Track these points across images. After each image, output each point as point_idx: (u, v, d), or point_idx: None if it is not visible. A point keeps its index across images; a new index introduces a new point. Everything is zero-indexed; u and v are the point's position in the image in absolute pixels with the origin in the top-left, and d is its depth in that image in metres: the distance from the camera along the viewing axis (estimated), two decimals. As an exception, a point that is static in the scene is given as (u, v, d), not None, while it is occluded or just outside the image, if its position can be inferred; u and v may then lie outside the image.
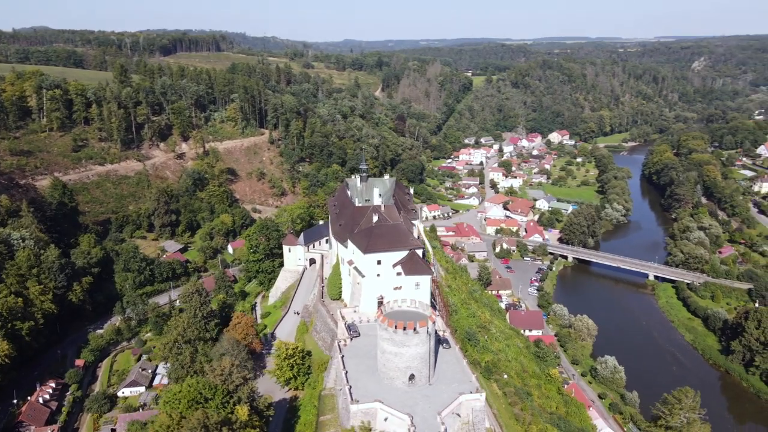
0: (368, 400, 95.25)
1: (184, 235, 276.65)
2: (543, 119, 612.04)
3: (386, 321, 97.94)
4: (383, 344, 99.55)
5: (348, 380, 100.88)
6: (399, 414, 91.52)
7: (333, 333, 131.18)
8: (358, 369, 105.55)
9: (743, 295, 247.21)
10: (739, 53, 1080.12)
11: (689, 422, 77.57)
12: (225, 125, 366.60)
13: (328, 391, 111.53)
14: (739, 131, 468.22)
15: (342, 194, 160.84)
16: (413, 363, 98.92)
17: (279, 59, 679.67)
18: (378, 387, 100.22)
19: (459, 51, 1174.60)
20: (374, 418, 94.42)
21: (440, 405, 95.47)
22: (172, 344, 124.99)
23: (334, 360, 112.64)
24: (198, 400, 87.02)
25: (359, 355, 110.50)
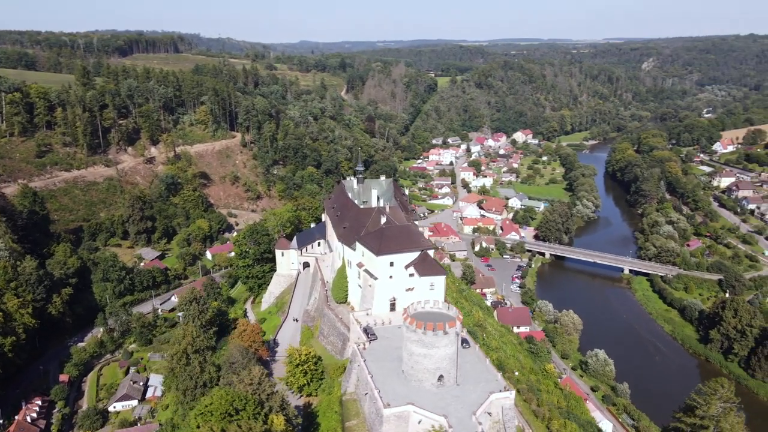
0: (400, 404, 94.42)
1: (161, 241, 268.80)
2: (507, 119, 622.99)
3: (414, 323, 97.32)
4: (411, 346, 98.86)
5: (375, 384, 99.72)
6: (434, 416, 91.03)
7: (344, 337, 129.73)
8: (382, 372, 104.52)
9: (714, 286, 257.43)
10: (685, 54, 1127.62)
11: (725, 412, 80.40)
12: (195, 128, 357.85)
13: (349, 396, 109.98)
14: (695, 129, 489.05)
15: (341, 196, 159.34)
16: (442, 364, 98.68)
17: (240, 61, 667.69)
18: (406, 389, 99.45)
19: (418, 52, 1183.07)
20: (407, 422, 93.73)
21: (472, 405, 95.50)
22: (181, 354, 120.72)
23: (353, 364, 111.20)
24: (230, 412, 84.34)
25: (380, 358, 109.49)
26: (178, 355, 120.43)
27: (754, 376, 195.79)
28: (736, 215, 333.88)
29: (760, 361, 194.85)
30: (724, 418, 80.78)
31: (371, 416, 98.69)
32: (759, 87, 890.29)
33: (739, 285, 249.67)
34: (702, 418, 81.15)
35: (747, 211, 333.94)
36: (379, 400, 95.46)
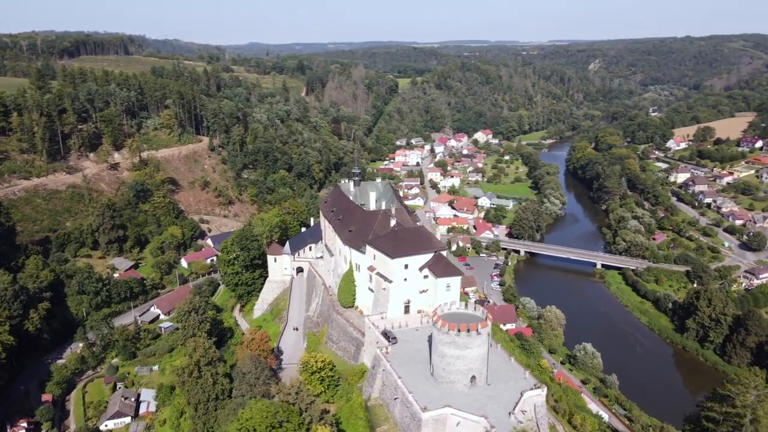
0: (436, 407, 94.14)
1: (133, 250, 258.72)
2: (467, 119, 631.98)
3: (446, 325, 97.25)
4: (443, 348, 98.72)
5: (407, 388, 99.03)
6: (473, 417, 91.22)
7: (358, 342, 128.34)
8: (410, 375, 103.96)
9: (682, 277, 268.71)
10: (628, 56, 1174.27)
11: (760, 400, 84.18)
12: (159, 133, 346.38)
13: (374, 402, 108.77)
14: (649, 127, 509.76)
15: (340, 199, 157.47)
16: (474, 365, 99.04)
17: (195, 63, 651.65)
18: (438, 392, 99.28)
19: (372, 54, 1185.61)
20: (444, 424, 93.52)
21: (507, 404, 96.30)
22: (193, 367, 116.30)
23: (377, 369, 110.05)
24: (273, 424, 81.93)
25: (406, 361, 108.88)
26: (190, 369, 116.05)
27: (730, 362, 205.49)
28: (694, 209, 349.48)
29: (735, 347, 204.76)
30: (759, 406, 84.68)
31: (405, 421, 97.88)
32: (698, 86, 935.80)
33: (705, 276, 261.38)
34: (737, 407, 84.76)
35: (704, 204, 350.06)
36: (415, 404, 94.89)
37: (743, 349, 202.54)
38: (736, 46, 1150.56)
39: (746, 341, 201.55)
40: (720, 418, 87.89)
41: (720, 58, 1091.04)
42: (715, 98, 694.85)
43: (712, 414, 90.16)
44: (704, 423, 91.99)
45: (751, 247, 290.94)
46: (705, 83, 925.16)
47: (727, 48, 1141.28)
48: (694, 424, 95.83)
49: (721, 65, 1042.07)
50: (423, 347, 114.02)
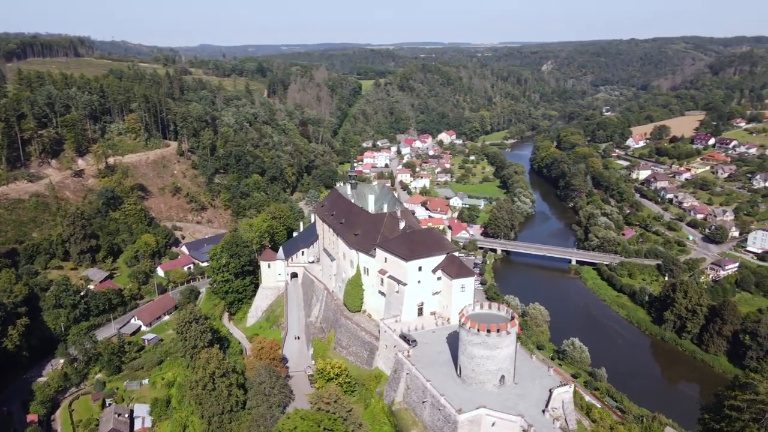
0: (470, 408, 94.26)
1: (107, 260, 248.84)
2: (431, 121, 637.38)
3: (476, 326, 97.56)
4: (472, 349, 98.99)
5: (438, 390, 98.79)
6: (510, 417, 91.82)
7: (371, 346, 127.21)
8: (436, 377, 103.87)
9: (654, 271, 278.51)
10: (579, 57, 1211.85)
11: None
12: (124, 137, 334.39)
13: (398, 406, 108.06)
14: (608, 126, 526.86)
15: (340, 202, 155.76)
16: (504, 364, 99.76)
17: (151, 65, 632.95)
18: (469, 393, 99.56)
19: (330, 56, 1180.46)
20: (479, 425, 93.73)
21: (538, 402, 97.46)
22: (207, 379, 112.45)
23: (401, 372, 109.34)
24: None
25: (429, 363, 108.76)
26: (204, 381, 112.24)
27: (708, 351, 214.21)
28: (657, 205, 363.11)
29: (712, 336, 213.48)
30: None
31: (436, 424, 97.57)
32: (646, 87, 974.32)
33: (676, 268, 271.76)
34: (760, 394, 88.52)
35: (666, 200, 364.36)
36: (449, 406, 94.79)
37: (720, 338, 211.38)
38: (679, 48, 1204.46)
39: (722, 330, 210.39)
40: (744, 405, 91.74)
41: (664, 60, 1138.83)
42: (664, 98, 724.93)
43: (735, 402, 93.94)
44: (726, 411, 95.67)
45: (714, 240, 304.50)
46: (652, 83, 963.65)
47: (670, 50, 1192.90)
48: (713, 413, 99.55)
49: (665, 66, 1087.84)
50: (443, 349, 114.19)
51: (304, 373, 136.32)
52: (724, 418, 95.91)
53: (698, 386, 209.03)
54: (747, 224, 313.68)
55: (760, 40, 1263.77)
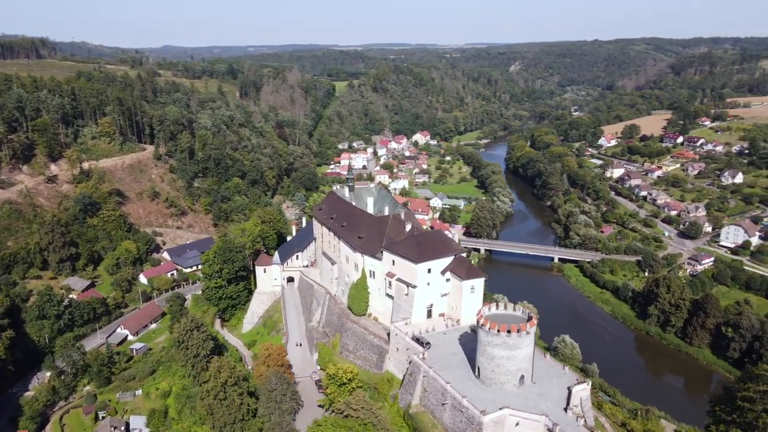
0: (492, 409, 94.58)
1: (87, 269, 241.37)
2: (405, 122, 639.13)
3: (497, 326, 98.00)
4: (493, 350, 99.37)
5: (461, 393, 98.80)
6: (534, 416, 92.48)
7: (380, 350, 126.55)
8: (455, 379, 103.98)
9: (634, 267, 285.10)
10: (545, 58, 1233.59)
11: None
12: (98, 142, 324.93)
13: (416, 409, 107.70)
14: (580, 126, 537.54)
15: (339, 205, 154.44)
16: (523, 364, 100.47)
17: (118, 67, 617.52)
18: (489, 394, 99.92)
19: (299, 57, 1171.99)
20: (503, 426, 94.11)
21: (558, 400, 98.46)
22: (219, 389, 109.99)
23: (417, 375, 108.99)
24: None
25: (446, 365, 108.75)
26: (216, 390, 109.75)
27: (692, 344, 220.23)
28: (632, 202, 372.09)
29: (696, 329, 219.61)
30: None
31: (458, 426, 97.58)
32: (611, 87, 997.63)
33: (655, 264, 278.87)
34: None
35: (640, 197, 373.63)
36: (472, 408, 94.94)
37: (703, 330, 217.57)
38: (640, 49, 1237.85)
39: (706, 323, 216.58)
40: (756, 396, 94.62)
41: (627, 60, 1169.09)
42: (630, 97, 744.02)
43: (748, 393, 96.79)
44: (739, 403, 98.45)
45: (689, 236, 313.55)
46: (617, 84, 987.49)
47: (633, 51, 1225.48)
48: (725, 404, 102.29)
49: (629, 67, 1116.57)
50: (457, 350, 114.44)
51: (310, 379, 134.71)
52: (735, 409, 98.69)
53: (684, 378, 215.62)
54: (719, 220, 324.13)
55: (717, 41, 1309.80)
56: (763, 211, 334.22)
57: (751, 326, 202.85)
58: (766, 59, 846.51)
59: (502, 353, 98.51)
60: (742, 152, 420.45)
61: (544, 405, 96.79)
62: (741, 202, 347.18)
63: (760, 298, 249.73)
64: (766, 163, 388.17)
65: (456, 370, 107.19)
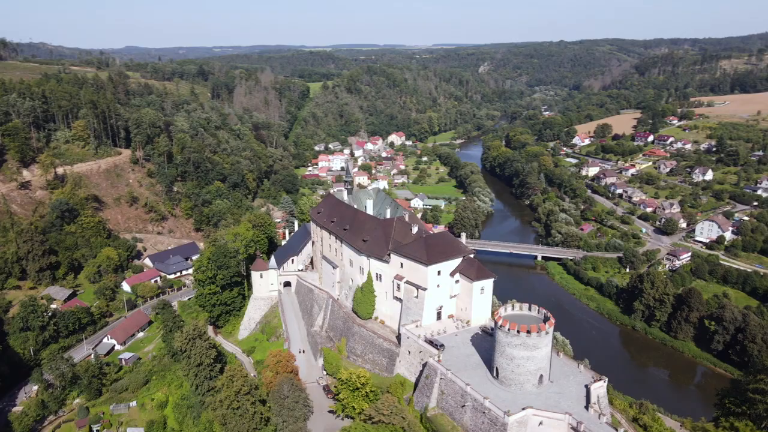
0: (515, 409, 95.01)
1: (68, 278, 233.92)
2: (380, 122, 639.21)
3: (516, 326, 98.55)
4: (512, 351, 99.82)
5: (480, 394, 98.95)
6: (557, 415, 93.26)
7: (390, 353, 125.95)
8: (473, 380, 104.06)
9: (616, 263, 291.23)
10: (514, 59, 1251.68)
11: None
12: (72, 146, 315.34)
13: (433, 412, 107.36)
14: (554, 125, 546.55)
15: (338, 207, 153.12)
16: (542, 364, 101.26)
17: (84, 69, 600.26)
18: (509, 394, 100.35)
19: (268, 58, 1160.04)
20: (526, 426, 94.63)
21: (577, 398, 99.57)
22: (233, 397, 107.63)
23: (434, 378, 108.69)
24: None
25: (462, 367, 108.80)
26: (229, 400, 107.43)
27: (677, 338, 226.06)
28: (608, 200, 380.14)
29: (680, 323, 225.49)
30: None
31: (481, 427, 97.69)
32: (578, 87, 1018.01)
33: (636, 260, 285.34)
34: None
35: (616, 195, 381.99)
36: (495, 408, 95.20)
37: (687, 324, 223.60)
38: (605, 50, 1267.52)
39: (690, 317, 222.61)
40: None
41: (592, 61, 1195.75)
42: (598, 97, 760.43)
43: (759, 386, 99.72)
44: (750, 395, 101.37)
45: (665, 232, 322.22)
46: (584, 84, 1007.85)
47: (597, 51, 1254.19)
48: (735, 397, 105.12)
49: (594, 67, 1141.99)
50: (471, 351, 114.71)
51: (317, 384, 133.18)
52: (745, 401, 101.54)
53: (669, 371, 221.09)
54: (693, 216, 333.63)
55: (676, 41, 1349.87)
56: (734, 206, 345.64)
57: (734, 319, 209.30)
58: (726, 60, 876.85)
59: (522, 353, 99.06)
60: (710, 150, 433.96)
61: (565, 403, 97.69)
62: (712, 198, 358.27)
63: (737, 292, 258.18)
64: (734, 160, 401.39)
65: (473, 372, 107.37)
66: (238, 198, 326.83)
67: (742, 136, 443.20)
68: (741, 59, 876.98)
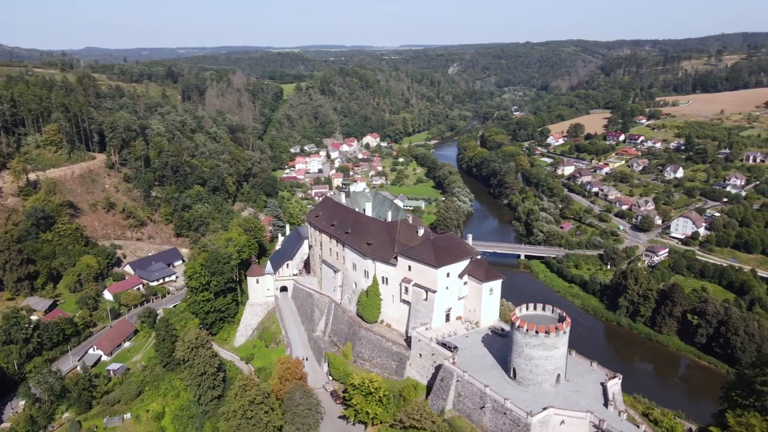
0: (537, 409, 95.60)
1: (47, 287, 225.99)
2: (354, 124, 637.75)
3: (534, 327, 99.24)
4: (530, 351, 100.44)
5: (500, 395, 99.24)
6: (579, 414, 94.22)
7: (400, 356, 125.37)
8: (490, 382, 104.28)
9: (597, 261, 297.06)
10: (482, 59, 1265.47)
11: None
12: (43, 151, 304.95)
13: (450, 414, 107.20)
14: (528, 125, 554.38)
15: (337, 211, 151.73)
16: (560, 363, 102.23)
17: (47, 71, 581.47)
18: (528, 394, 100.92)
19: (237, 60, 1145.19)
20: (548, 425, 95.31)
21: (594, 396, 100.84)
22: (247, 407, 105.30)
23: (450, 380, 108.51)
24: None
25: (478, 368, 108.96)
26: (243, 409, 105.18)
27: (661, 332, 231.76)
28: (585, 198, 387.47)
29: (664, 318, 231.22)
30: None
31: (501, 428, 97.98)
32: (546, 87, 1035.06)
33: (616, 257, 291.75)
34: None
35: (592, 194, 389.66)
36: (517, 409, 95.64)
37: (671, 319, 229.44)
38: (570, 51, 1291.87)
39: (673, 311, 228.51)
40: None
41: (559, 62, 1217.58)
42: (567, 97, 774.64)
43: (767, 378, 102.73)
44: (758, 387, 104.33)
45: (642, 229, 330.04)
46: (552, 84, 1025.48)
47: (563, 52, 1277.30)
48: (742, 389, 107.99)
49: (561, 68, 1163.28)
50: (484, 352, 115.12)
51: (324, 390, 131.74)
52: (752, 393, 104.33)
53: (654, 364, 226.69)
54: (667, 212, 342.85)
55: (638, 43, 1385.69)
56: (705, 203, 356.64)
57: (717, 312, 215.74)
58: (686, 60, 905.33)
59: (541, 354, 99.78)
60: (679, 148, 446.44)
61: (584, 402, 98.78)
62: (684, 195, 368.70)
63: (714, 285, 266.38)
64: (702, 158, 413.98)
65: (488, 373, 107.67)
66: (218, 202, 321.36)
67: (708, 134, 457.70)
68: (701, 60, 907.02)
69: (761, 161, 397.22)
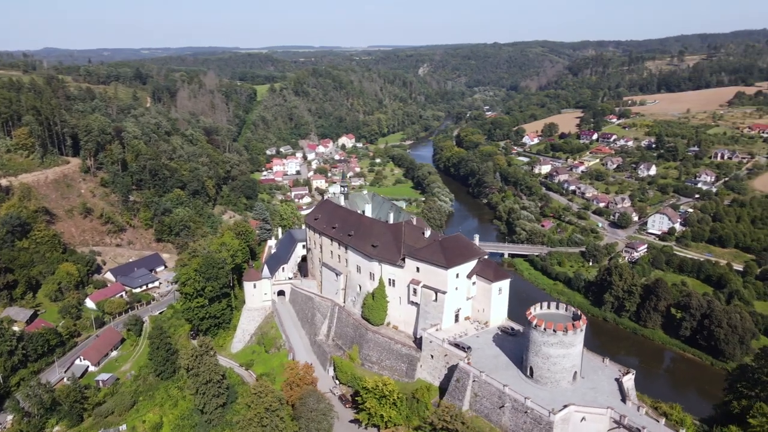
0: (558, 407, 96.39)
1: (26, 297, 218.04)
2: (329, 125, 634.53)
3: (552, 326, 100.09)
4: (548, 349, 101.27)
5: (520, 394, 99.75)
6: (599, 410, 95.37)
7: (410, 358, 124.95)
8: (508, 381, 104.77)
9: (579, 258, 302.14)
10: (452, 60, 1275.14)
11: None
12: (14, 155, 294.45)
13: (468, 414, 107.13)
14: (503, 125, 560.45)
15: (338, 213, 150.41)
16: (576, 361, 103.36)
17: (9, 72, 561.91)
18: (546, 392, 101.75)
19: (205, 60, 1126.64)
20: (569, 423, 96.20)
21: (611, 392, 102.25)
22: (263, 414, 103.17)
23: (466, 381, 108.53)
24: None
25: (493, 368, 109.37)
26: (258, 417, 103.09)
27: (646, 326, 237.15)
28: (562, 196, 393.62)
29: (649, 312, 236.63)
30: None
31: (522, 427, 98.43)
32: (515, 87, 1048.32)
33: (598, 254, 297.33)
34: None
35: (570, 192, 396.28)
36: (539, 408, 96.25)
37: (656, 313, 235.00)
38: (537, 51, 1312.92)
39: (658, 306, 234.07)
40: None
41: (527, 62, 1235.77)
42: (538, 97, 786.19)
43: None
44: (764, 378, 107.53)
45: (620, 225, 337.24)
46: (521, 84, 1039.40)
47: (531, 53, 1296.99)
48: (746, 381, 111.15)
49: (529, 68, 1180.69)
50: (497, 352, 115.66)
51: (332, 394, 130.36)
52: (758, 384, 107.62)
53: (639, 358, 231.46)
54: (644, 209, 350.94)
55: (602, 44, 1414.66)
56: (678, 199, 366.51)
57: (700, 306, 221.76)
58: (650, 61, 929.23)
59: (558, 352, 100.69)
60: (651, 146, 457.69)
61: (601, 398, 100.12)
62: (658, 192, 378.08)
63: (693, 280, 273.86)
64: (673, 155, 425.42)
65: (504, 372, 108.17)
66: (199, 206, 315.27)
67: (677, 132, 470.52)
68: (664, 60, 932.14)
69: (728, 158, 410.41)
